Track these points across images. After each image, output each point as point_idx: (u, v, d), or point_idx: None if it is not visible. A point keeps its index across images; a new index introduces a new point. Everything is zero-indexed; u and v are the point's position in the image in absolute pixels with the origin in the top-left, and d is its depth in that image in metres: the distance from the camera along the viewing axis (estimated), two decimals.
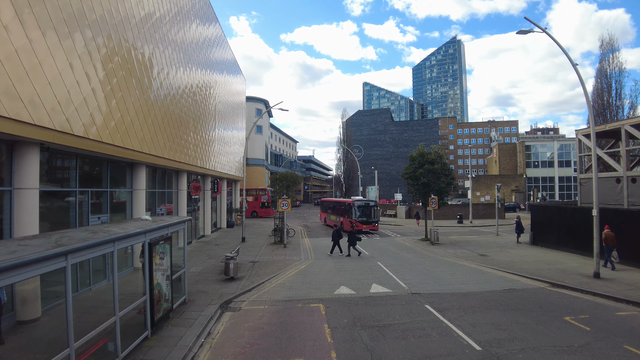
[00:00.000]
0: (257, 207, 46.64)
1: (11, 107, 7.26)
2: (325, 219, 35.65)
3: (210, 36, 25.19)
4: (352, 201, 28.32)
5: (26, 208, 8.40)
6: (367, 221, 27.91)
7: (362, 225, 27.41)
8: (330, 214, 33.84)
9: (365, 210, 28.34)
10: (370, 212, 28.43)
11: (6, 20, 7.16)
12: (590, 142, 14.93)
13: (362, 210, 28.20)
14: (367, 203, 29.00)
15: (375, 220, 28.43)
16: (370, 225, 28.11)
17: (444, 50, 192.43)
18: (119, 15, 11.83)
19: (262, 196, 46.72)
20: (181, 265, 10.51)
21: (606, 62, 29.59)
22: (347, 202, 29.47)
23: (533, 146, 62.05)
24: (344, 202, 30.82)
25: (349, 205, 28.54)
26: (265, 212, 46.12)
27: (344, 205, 30.37)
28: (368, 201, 29.50)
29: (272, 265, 15.82)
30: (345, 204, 30.06)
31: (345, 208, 29.32)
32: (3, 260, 4.17)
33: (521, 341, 7.86)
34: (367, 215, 28.24)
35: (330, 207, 34.69)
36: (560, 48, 13.61)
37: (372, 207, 28.67)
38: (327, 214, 34.88)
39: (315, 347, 7.64)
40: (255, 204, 46.32)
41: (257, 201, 46.62)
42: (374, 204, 29.28)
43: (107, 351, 6.54)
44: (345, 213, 29.20)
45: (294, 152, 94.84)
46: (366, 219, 27.99)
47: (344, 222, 28.94)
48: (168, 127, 16.54)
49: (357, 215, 27.58)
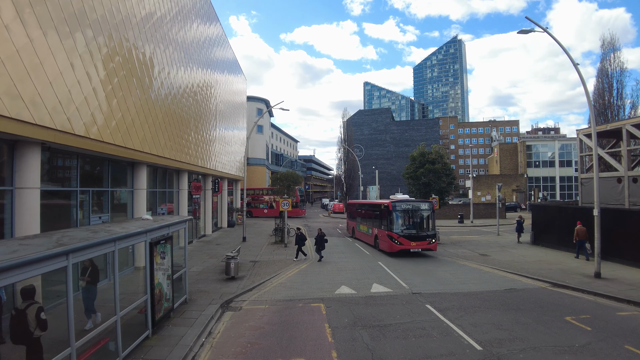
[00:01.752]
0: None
1: (12, 107, 7.27)
2: (353, 230, 25.76)
3: (211, 35, 25.19)
4: (390, 203, 18.43)
5: (27, 208, 8.42)
6: (416, 235, 17.83)
7: (409, 241, 17.53)
8: (360, 222, 24.27)
9: (413, 217, 18.53)
10: (422, 220, 18.59)
11: (7, 20, 7.17)
12: (592, 142, 14.91)
13: (407, 217, 18.52)
14: (416, 206, 18.62)
15: (430, 234, 18.08)
16: (423, 242, 17.73)
17: (445, 49, 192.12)
18: (119, 14, 11.84)
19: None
20: (182, 265, 10.53)
21: (607, 62, 29.52)
22: (382, 205, 19.24)
23: (534, 146, 61.96)
24: (378, 204, 20.33)
25: (385, 209, 18.54)
26: (295, 212, 43.73)
27: (377, 209, 20.22)
28: (417, 203, 19.00)
29: (273, 265, 15.83)
30: (379, 207, 19.82)
31: (381, 214, 19.39)
32: (4, 259, 4.17)
33: (522, 341, 7.85)
34: (417, 225, 18.44)
35: (360, 212, 24.66)
36: (561, 47, 13.59)
37: (424, 212, 18.59)
38: (356, 223, 25.34)
39: (315, 346, 7.64)
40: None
41: None
42: (428, 206, 18.67)
43: (108, 350, 6.55)
44: (380, 222, 19.41)
45: (295, 152, 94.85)
46: (415, 231, 18.08)
47: (379, 236, 19.59)
48: (169, 127, 16.56)
49: (399, 225, 18.02)
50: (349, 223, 27.94)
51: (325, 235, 17.49)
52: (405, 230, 18.01)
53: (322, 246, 17.10)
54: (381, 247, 19.14)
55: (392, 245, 17.72)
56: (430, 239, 17.88)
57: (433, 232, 18.28)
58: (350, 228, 27.00)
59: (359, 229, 24.36)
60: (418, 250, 17.68)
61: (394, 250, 17.63)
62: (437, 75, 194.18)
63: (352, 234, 26.21)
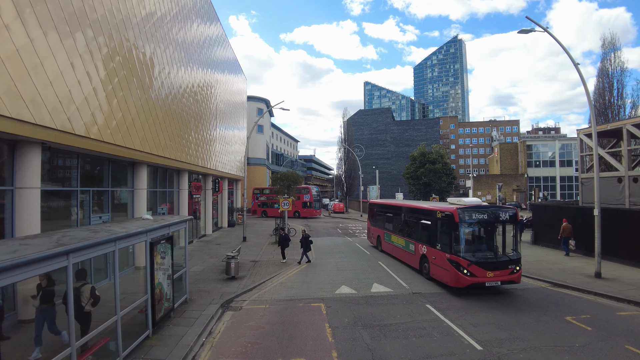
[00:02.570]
0: (300, 207, 42.35)
1: (13, 107, 7.27)
2: (379, 240, 19.77)
3: (211, 35, 25.19)
4: (456, 210, 11.63)
5: (28, 207, 8.42)
6: (495, 261, 11.46)
7: (484, 270, 11.21)
8: (391, 231, 17.80)
9: (491, 232, 12.00)
10: (501, 237, 11.99)
11: (7, 19, 7.17)
12: (592, 142, 14.90)
13: (482, 232, 12.13)
14: (496, 215, 11.81)
15: (513, 258, 11.62)
16: (504, 271, 11.40)
17: (445, 49, 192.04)
18: (120, 14, 11.84)
19: (305, 195, 42.69)
20: (182, 265, 10.54)
21: (608, 62, 29.47)
22: (440, 213, 12.64)
23: (534, 146, 61.89)
24: (431, 210, 13.56)
25: (447, 219, 12.04)
26: (308, 212, 42.49)
27: (429, 217, 13.56)
28: (497, 210, 12.03)
29: (273, 265, 15.83)
30: (433, 215, 13.21)
31: (436, 225, 12.89)
32: (5, 259, 4.18)
33: (522, 341, 7.86)
34: (495, 244, 11.94)
35: (392, 217, 18.06)
36: (561, 47, 13.57)
37: (507, 225, 11.96)
38: (383, 231, 19.01)
39: (316, 346, 7.65)
40: (297, 204, 41.74)
41: (299, 200, 42.15)
42: (512, 216, 11.87)
43: (109, 350, 6.55)
44: (434, 236, 12.93)
45: (295, 152, 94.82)
46: (493, 254, 11.70)
47: (431, 259, 13.10)
48: (169, 127, 16.56)
49: (470, 245, 11.90)
50: (371, 230, 21.75)
51: (310, 236, 16.96)
52: (479, 253, 11.58)
53: (308, 248, 16.49)
54: (434, 275, 12.86)
55: (458, 276, 11.26)
56: (514, 266, 11.43)
57: (517, 255, 11.65)
58: (374, 237, 20.83)
59: (389, 240, 18.09)
60: (497, 284, 11.31)
61: (462, 285, 11.21)
62: (437, 75, 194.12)
63: (378, 246, 20.09)
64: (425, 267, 13.66)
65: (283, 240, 17.09)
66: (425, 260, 13.68)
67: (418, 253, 14.39)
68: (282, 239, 17.17)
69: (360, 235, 27.04)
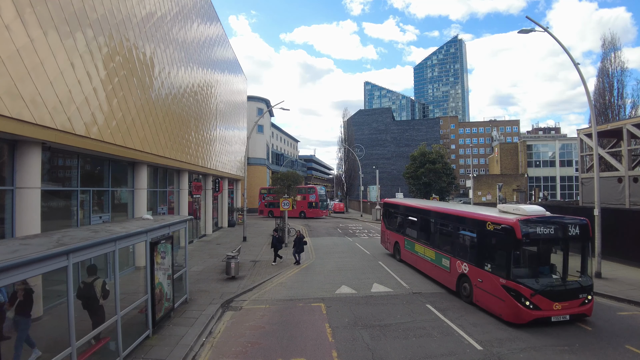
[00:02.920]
0: (305, 207, 41.11)
1: (13, 107, 7.28)
2: (397, 248, 16.69)
3: (212, 35, 25.19)
4: (517, 222, 8.79)
5: (28, 207, 8.42)
6: (562, 289, 8.83)
7: (550, 301, 8.57)
8: (415, 238, 14.92)
9: (555, 249, 9.68)
10: (567, 256, 9.31)
11: (8, 19, 7.17)
12: (592, 142, 14.90)
13: (546, 251, 9.55)
14: (563, 227, 9.00)
15: (585, 285, 9.02)
16: (573, 302, 8.81)
17: (446, 49, 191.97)
18: (120, 14, 11.84)
19: (310, 195, 41.47)
20: (182, 265, 10.54)
21: (608, 61, 29.45)
22: (498, 224, 9.38)
23: (534, 145, 61.82)
24: (483, 220, 10.12)
25: (507, 234, 8.97)
26: (314, 212, 40.92)
27: (473, 227, 10.69)
28: (565, 222, 9.10)
29: (274, 265, 15.83)
30: (482, 226, 10.13)
31: (490, 240, 9.82)
32: (5, 259, 4.18)
33: (522, 341, 7.86)
34: (559, 266, 9.31)
35: (416, 221, 15.20)
36: (561, 47, 13.57)
37: (576, 241, 9.25)
38: (404, 238, 16.00)
39: (316, 346, 7.65)
40: (303, 204, 41.00)
41: (305, 200, 41.20)
42: (581, 225, 9.13)
43: (109, 350, 6.56)
44: (481, 253, 10.15)
45: (295, 152, 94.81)
46: (561, 281, 9.03)
47: (475, 282, 10.20)
48: (169, 127, 16.56)
49: (532, 267, 9.28)
50: (386, 234, 18.20)
51: (304, 237, 16.73)
52: (543, 279, 8.95)
53: (301, 249, 16.19)
54: (479, 301, 10.05)
55: (517, 308, 8.64)
56: (586, 295, 8.97)
57: (589, 281, 9.17)
58: (390, 242, 17.61)
59: (411, 249, 14.88)
60: (565, 318, 8.73)
61: (523, 320, 8.62)
62: (437, 75, 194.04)
63: (395, 254, 16.89)
64: (466, 289, 10.66)
65: (276, 242, 16.34)
66: (466, 280, 10.66)
67: (455, 271, 11.29)
68: (274, 240, 16.34)
69: (361, 236, 27.04)
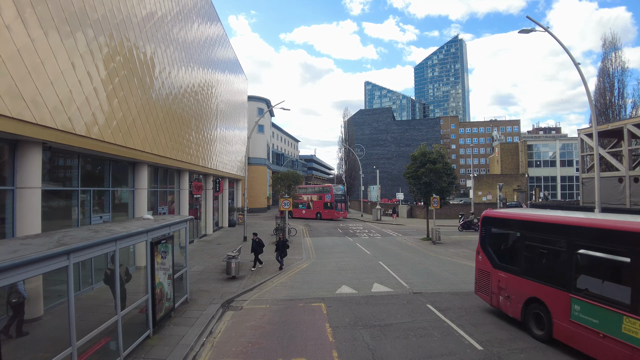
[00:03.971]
0: (321, 208, 39.38)
1: (13, 107, 7.28)
2: (535, 315, 7.90)
3: (212, 35, 25.20)
4: None
5: (28, 207, 8.43)
6: None
7: None
8: (612, 300, 6.19)
9: None
10: None
11: (8, 19, 7.18)
12: (593, 142, 14.87)
13: None
14: None
15: None
16: None
17: (446, 49, 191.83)
18: (120, 14, 11.84)
19: (326, 195, 39.76)
20: (183, 265, 10.54)
21: (608, 61, 29.40)
22: None
23: (535, 145, 61.82)
24: None
25: None
26: (330, 214, 38.74)
27: None
28: None
29: (274, 264, 15.82)
30: None
31: None
32: (6, 259, 4.18)
33: (522, 341, 7.85)
34: None
35: (616, 264, 6.42)
36: (562, 47, 13.55)
37: None
38: (569, 295, 6.99)
39: (316, 346, 7.65)
40: (319, 204, 39.36)
41: (320, 201, 39.48)
42: None
43: (109, 350, 6.56)
44: None
45: (296, 152, 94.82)
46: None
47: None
48: (170, 127, 16.57)
49: None
50: (499, 279, 9.12)
51: (287, 240, 16.14)
52: None
53: (284, 252, 15.47)
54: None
55: None
56: None
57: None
58: (517, 299, 8.48)
59: (592, 322, 6.54)
60: None
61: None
62: (438, 74, 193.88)
63: (528, 323, 8.12)
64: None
65: (256, 246, 15.05)
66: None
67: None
68: (254, 244, 15.04)
69: (361, 235, 27.04)
